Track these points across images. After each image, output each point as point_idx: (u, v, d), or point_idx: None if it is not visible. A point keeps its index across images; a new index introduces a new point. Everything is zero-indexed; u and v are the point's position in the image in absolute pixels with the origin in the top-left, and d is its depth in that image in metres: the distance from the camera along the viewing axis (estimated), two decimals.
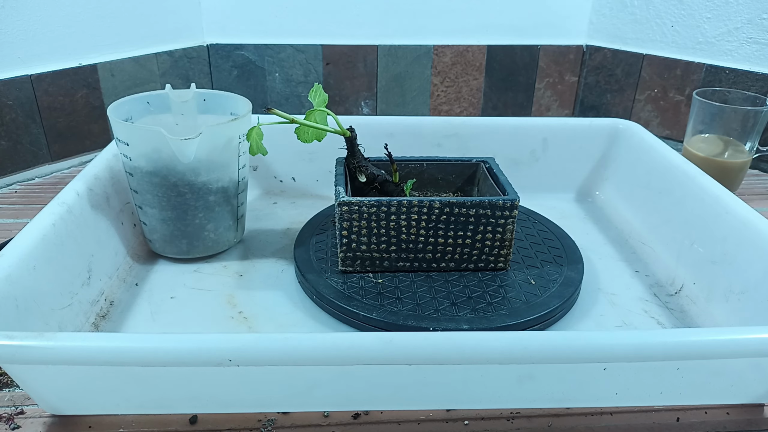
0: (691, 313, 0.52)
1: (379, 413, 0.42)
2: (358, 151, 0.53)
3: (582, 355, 0.36)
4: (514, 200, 0.50)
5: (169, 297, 0.53)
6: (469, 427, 0.41)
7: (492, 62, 1.01)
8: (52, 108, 0.79)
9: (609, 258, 0.61)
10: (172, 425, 0.40)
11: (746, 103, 0.74)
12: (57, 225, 0.47)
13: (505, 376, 0.40)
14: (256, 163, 0.72)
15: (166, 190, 0.53)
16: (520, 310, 0.48)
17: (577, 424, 0.41)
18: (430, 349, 0.35)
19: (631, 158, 0.70)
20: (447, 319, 0.46)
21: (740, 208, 0.51)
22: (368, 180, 0.53)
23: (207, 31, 0.94)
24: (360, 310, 0.47)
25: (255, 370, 0.38)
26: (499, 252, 0.52)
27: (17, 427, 0.41)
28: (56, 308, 0.44)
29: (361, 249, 0.51)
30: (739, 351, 0.37)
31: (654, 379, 0.41)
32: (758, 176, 0.84)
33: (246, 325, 0.50)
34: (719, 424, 0.42)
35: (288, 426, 0.41)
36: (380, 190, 0.54)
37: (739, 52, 0.87)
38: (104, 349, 0.34)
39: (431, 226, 0.51)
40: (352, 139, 0.52)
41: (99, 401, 0.41)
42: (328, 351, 0.35)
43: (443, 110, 1.03)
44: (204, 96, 0.60)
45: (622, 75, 0.99)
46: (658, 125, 0.97)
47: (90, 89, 0.82)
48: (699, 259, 0.54)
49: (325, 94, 0.52)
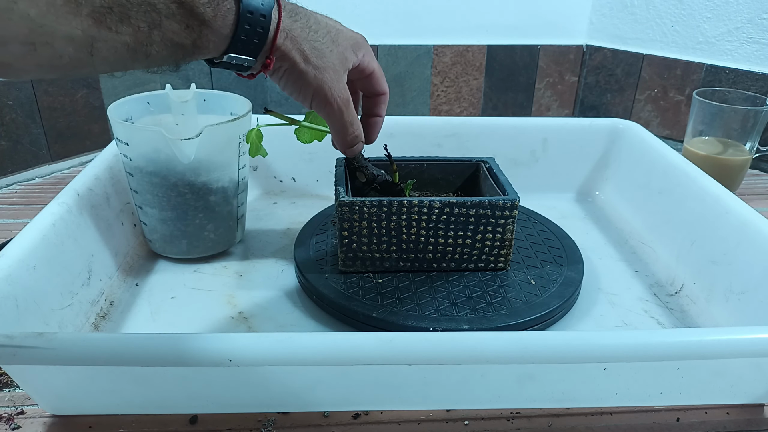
0: (691, 313, 0.52)
1: (379, 413, 0.42)
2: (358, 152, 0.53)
3: (582, 355, 0.36)
4: (514, 200, 0.50)
5: (169, 297, 0.53)
6: (469, 427, 0.41)
7: (492, 62, 1.01)
8: (52, 108, 0.79)
9: (609, 258, 0.61)
10: (172, 425, 0.40)
11: (746, 103, 0.74)
12: (57, 225, 0.47)
13: (505, 376, 0.40)
14: (256, 163, 0.72)
15: (166, 191, 0.53)
16: (520, 310, 0.48)
17: (577, 424, 0.41)
18: (430, 349, 0.35)
19: (631, 158, 0.70)
20: (447, 319, 0.46)
21: (740, 208, 0.51)
22: (368, 180, 0.53)
23: None
24: (360, 309, 0.47)
25: (255, 370, 0.38)
26: (499, 252, 0.52)
27: (17, 427, 0.40)
28: (56, 308, 0.44)
29: (361, 249, 0.51)
30: (739, 351, 0.37)
31: (654, 379, 0.41)
32: (758, 176, 0.84)
33: (246, 325, 0.50)
34: (719, 424, 0.42)
35: (288, 426, 0.41)
36: (380, 190, 0.54)
37: (739, 51, 0.87)
38: (104, 349, 0.34)
39: (431, 226, 0.51)
40: None
41: (99, 401, 0.41)
42: (328, 351, 0.35)
43: (443, 110, 1.03)
44: (204, 96, 0.60)
45: (622, 75, 0.99)
46: (658, 125, 0.97)
47: (90, 89, 0.82)
48: (699, 259, 0.54)
49: None
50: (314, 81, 0.41)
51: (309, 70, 0.41)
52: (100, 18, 0.29)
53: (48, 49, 0.28)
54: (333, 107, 0.43)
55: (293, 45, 0.40)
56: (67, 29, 0.28)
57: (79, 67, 0.30)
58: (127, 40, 0.30)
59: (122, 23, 0.30)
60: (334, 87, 0.42)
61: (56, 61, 0.29)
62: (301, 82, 0.41)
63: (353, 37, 0.45)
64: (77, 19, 0.28)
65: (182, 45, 0.33)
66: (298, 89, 0.42)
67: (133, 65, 0.32)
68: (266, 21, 0.37)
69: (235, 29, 0.36)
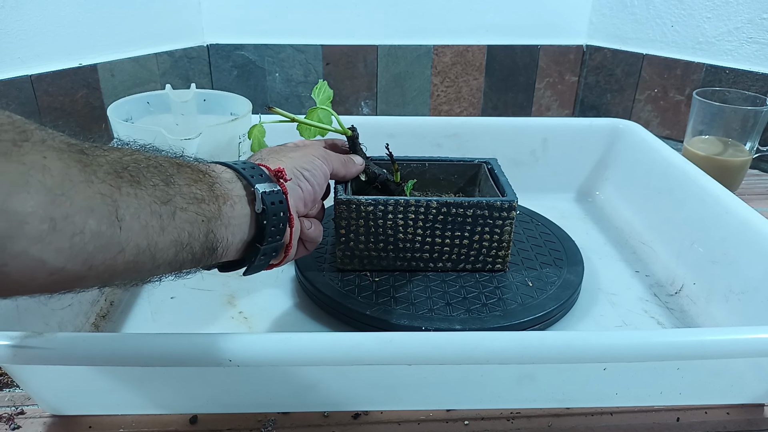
0: (691, 313, 0.52)
1: (379, 413, 0.42)
2: (360, 150, 0.53)
3: (582, 355, 0.36)
4: (512, 201, 0.50)
5: (169, 297, 0.53)
6: (469, 427, 0.41)
7: (492, 62, 1.01)
8: (52, 108, 0.79)
9: (609, 258, 0.61)
10: (172, 425, 0.40)
11: (746, 103, 0.74)
12: None
13: (505, 376, 0.40)
14: None
15: None
16: (514, 312, 0.47)
17: (577, 424, 0.41)
18: (430, 349, 0.35)
19: (631, 158, 0.70)
20: (440, 318, 0.46)
21: (740, 208, 0.51)
22: (369, 179, 0.53)
23: (207, 31, 0.94)
24: (354, 307, 0.47)
25: (255, 370, 0.38)
26: (497, 253, 0.52)
27: (17, 427, 0.40)
28: (56, 308, 0.44)
29: (358, 248, 0.51)
30: (739, 351, 0.37)
31: (654, 379, 0.41)
32: (758, 176, 0.84)
33: (246, 325, 0.50)
34: (719, 424, 0.42)
35: (288, 426, 0.41)
36: (381, 189, 0.54)
37: (739, 51, 0.87)
38: (104, 349, 0.34)
39: (428, 225, 0.51)
40: (353, 138, 0.52)
41: (99, 401, 0.41)
42: (328, 351, 0.35)
43: (443, 110, 1.03)
44: (204, 96, 0.60)
45: (622, 75, 0.99)
46: (658, 125, 0.97)
47: (90, 89, 0.82)
48: (699, 259, 0.54)
49: (330, 91, 0.51)
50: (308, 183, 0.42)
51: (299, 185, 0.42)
52: (116, 181, 0.27)
53: (69, 224, 0.24)
54: (327, 163, 0.45)
55: (270, 160, 0.42)
56: (87, 195, 0.25)
57: (104, 247, 0.26)
58: (148, 201, 0.28)
59: (139, 183, 0.28)
60: (317, 172, 0.43)
61: (77, 241, 0.25)
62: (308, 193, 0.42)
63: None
64: (95, 185, 0.25)
65: (203, 197, 0.32)
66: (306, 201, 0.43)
67: (164, 236, 0.29)
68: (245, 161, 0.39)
69: (234, 170, 0.37)
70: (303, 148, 0.45)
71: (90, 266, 0.26)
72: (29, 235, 0.23)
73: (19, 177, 0.23)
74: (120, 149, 0.30)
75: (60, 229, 0.24)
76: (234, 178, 0.36)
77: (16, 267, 0.23)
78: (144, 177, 0.29)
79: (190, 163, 0.34)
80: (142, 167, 0.29)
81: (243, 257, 0.38)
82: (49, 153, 0.24)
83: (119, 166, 0.27)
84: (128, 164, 0.28)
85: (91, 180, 0.25)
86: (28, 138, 0.24)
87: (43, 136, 0.25)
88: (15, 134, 0.23)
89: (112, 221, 0.26)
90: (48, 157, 0.24)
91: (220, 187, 0.35)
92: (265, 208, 0.36)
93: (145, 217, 0.28)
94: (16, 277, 0.24)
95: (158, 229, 0.29)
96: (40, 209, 0.23)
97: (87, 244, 0.25)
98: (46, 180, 0.23)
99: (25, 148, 0.23)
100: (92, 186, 0.25)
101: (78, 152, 0.26)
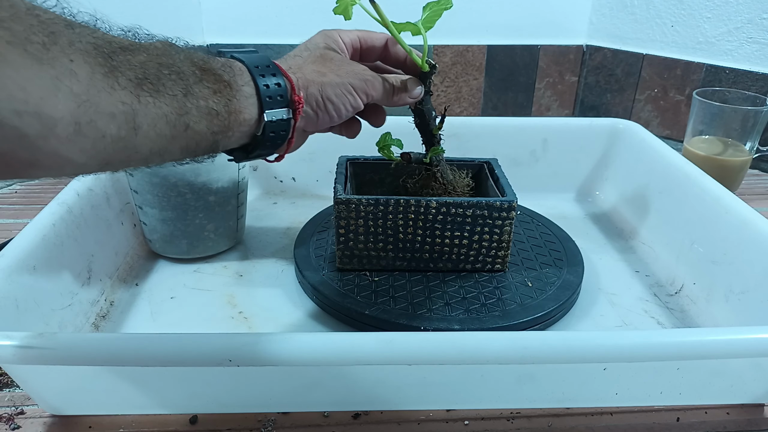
0: (691, 313, 0.52)
1: (379, 413, 0.42)
2: (430, 93, 0.49)
3: (582, 355, 0.36)
4: (511, 201, 0.50)
5: (169, 297, 0.53)
6: (469, 427, 0.41)
7: (492, 62, 1.01)
8: None
9: (609, 258, 0.61)
10: (172, 425, 0.40)
11: (746, 103, 0.74)
12: (57, 225, 0.47)
13: (505, 376, 0.40)
14: (256, 163, 0.72)
15: (166, 190, 0.53)
16: (513, 312, 0.47)
17: (577, 424, 0.41)
18: (430, 349, 0.35)
19: (631, 158, 0.70)
20: (439, 319, 0.46)
21: (740, 208, 0.51)
22: (418, 117, 0.50)
23: (207, 31, 0.94)
24: (353, 306, 0.47)
25: (255, 370, 0.38)
26: (496, 253, 0.52)
27: (17, 427, 0.41)
28: (56, 308, 0.44)
29: (358, 247, 0.51)
30: (739, 351, 0.37)
31: (654, 379, 0.41)
32: (758, 176, 0.84)
33: (246, 325, 0.50)
34: (719, 424, 0.42)
35: (288, 426, 0.41)
36: (422, 132, 0.51)
37: (739, 51, 0.87)
38: (104, 349, 0.34)
39: (428, 225, 0.51)
40: (429, 74, 0.47)
41: (99, 401, 0.41)
42: (328, 351, 0.35)
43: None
44: None
45: (622, 75, 0.99)
46: (658, 125, 0.97)
47: None
48: (699, 259, 0.54)
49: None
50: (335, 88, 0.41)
51: (324, 79, 0.41)
52: (137, 89, 0.29)
53: (92, 128, 0.27)
54: (362, 96, 0.43)
55: (301, 74, 0.41)
56: (109, 102, 0.27)
57: (121, 149, 0.29)
58: (165, 111, 0.30)
59: (158, 93, 0.30)
60: (343, 80, 0.42)
61: (99, 144, 0.28)
62: (330, 101, 0.42)
63: (311, 39, 0.46)
64: (117, 92, 0.28)
65: (217, 112, 0.34)
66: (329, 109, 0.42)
67: (174, 143, 0.32)
68: (275, 67, 0.38)
69: (255, 86, 0.37)
70: (348, 66, 0.43)
71: (107, 163, 0.29)
72: (59, 137, 0.26)
73: (50, 82, 0.25)
74: (147, 50, 0.31)
75: (84, 132, 0.27)
76: (252, 94, 0.37)
77: (46, 163, 0.26)
78: (164, 86, 0.30)
79: (214, 69, 0.34)
80: (164, 74, 0.31)
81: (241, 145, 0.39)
82: (76, 56, 0.26)
83: (141, 72, 0.29)
84: (151, 71, 0.30)
85: (114, 87, 0.28)
86: (56, 41, 0.26)
87: (71, 37, 0.26)
88: (44, 36, 0.25)
89: (130, 128, 0.29)
90: (75, 61, 0.26)
91: (237, 103, 0.35)
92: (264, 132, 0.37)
93: (161, 127, 0.30)
94: (46, 170, 0.27)
95: (170, 138, 0.31)
96: (68, 114, 0.26)
97: (107, 146, 0.28)
98: (74, 86, 0.26)
99: (53, 52, 0.25)
100: (114, 93, 0.28)
101: (103, 56, 0.28)
